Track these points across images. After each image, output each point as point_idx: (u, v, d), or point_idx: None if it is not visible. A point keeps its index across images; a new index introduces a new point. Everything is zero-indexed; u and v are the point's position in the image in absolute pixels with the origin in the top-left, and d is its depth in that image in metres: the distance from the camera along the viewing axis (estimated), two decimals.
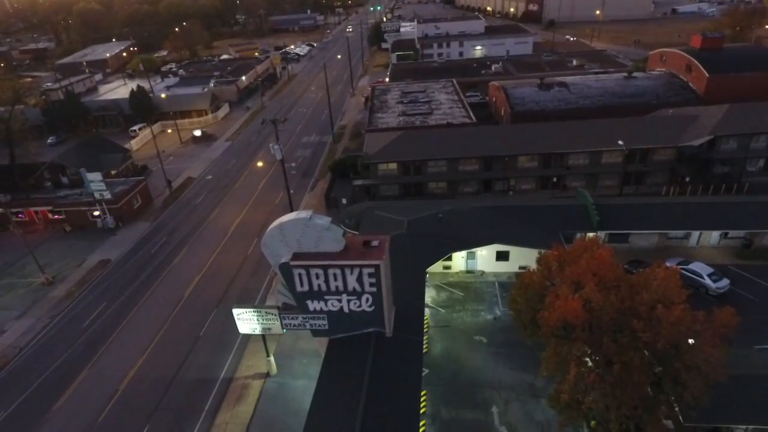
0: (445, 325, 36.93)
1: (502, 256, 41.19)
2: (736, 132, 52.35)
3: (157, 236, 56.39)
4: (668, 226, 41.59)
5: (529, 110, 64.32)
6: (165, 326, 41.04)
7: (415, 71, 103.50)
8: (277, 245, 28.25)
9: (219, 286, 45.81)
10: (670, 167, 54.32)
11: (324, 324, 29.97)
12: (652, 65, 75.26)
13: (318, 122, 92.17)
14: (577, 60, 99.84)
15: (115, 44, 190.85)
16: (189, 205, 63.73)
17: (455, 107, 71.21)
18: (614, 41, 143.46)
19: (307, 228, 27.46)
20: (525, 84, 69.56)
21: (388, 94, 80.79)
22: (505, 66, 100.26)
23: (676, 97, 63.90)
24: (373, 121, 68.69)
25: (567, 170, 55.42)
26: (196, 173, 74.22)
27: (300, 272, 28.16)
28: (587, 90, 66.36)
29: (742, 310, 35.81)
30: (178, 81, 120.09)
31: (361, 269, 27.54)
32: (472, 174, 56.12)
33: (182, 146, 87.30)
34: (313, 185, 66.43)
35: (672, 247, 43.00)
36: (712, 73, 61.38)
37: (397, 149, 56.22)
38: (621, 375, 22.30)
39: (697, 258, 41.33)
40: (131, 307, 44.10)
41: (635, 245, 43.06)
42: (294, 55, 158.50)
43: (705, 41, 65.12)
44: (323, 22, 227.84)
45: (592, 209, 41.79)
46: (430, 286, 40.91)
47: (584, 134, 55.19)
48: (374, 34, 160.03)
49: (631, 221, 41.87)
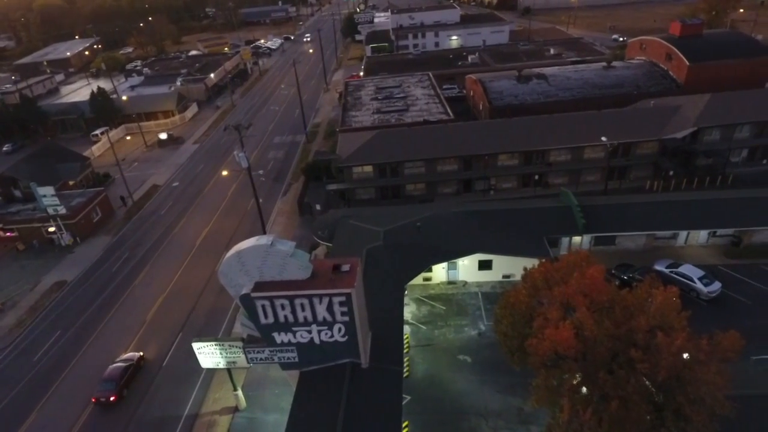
0: (426, 343, 34.58)
1: (485, 265, 38.94)
2: (719, 123, 50.88)
3: (119, 252, 52.74)
4: (656, 227, 39.81)
5: (508, 104, 62.02)
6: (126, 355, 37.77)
7: (391, 64, 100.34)
8: (236, 275, 25.35)
9: (184, 307, 42.66)
10: (653, 161, 52.72)
11: (293, 356, 27.29)
12: (631, 54, 73.56)
13: (291, 121, 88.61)
14: (554, 49, 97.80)
15: (78, 42, 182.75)
16: (153, 216, 60.02)
17: (432, 102, 68.54)
18: (590, 27, 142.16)
19: (269, 255, 24.62)
20: (503, 77, 67.20)
21: (362, 90, 77.66)
22: (482, 56, 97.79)
23: (656, 87, 62.27)
24: (347, 119, 65.63)
25: (549, 167, 53.39)
26: (162, 180, 70.29)
27: (263, 303, 25.35)
28: (566, 82, 64.30)
29: (735, 315, 34.59)
30: (143, 80, 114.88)
31: (331, 298, 24.86)
32: (452, 174, 53.70)
33: (147, 150, 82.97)
34: (285, 190, 63.27)
35: (660, 247, 41.31)
36: (693, 62, 59.83)
37: (372, 150, 53.40)
38: (619, 412, 20.18)
39: (686, 258, 39.78)
40: (88, 335, 40.69)
41: (622, 247, 41.25)
42: (265, 50, 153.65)
43: (684, 28, 63.51)
44: (295, 14, 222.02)
45: (577, 211, 39.75)
46: (410, 300, 38.51)
47: (565, 129, 53.15)
48: (347, 25, 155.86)
49: (618, 223, 39.97)
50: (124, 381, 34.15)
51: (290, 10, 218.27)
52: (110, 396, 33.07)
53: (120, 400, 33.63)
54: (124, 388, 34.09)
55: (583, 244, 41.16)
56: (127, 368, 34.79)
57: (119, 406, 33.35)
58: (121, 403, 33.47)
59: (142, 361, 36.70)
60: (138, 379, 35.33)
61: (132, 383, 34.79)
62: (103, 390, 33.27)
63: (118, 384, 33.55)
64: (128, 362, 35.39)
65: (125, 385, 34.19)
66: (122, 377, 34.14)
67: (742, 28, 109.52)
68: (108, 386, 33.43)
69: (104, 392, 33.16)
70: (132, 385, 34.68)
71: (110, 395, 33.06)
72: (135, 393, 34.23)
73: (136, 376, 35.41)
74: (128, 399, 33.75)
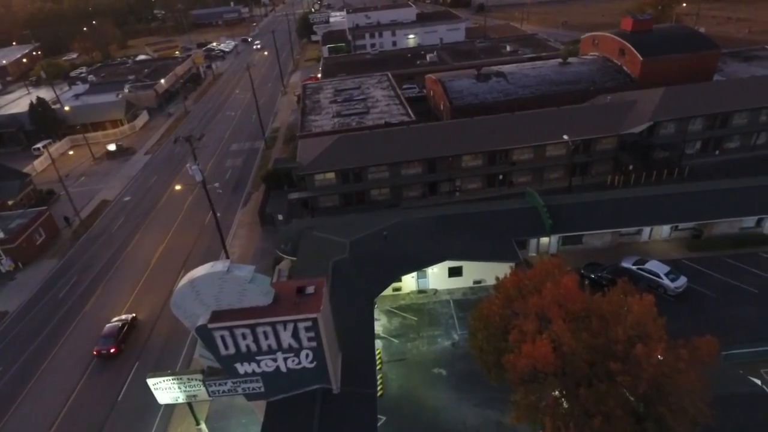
0: (399, 358, 33.36)
1: (455, 272, 38.07)
2: (674, 116, 51.91)
3: (66, 276, 49.13)
4: (620, 224, 39.96)
5: (469, 104, 61.59)
6: (74, 393, 34.91)
7: (349, 65, 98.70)
8: (190, 305, 23.35)
9: (140, 334, 39.93)
10: (613, 156, 53.35)
11: (259, 387, 25.49)
12: (584, 49, 74.65)
13: (249, 126, 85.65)
14: (510, 45, 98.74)
15: (15, 48, 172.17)
16: (104, 235, 56.39)
17: (392, 104, 67.41)
18: (543, 23, 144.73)
19: (226, 282, 22.75)
20: (462, 76, 66.78)
21: (321, 93, 75.74)
22: (440, 55, 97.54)
23: (612, 82, 63.26)
24: (306, 124, 63.65)
25: (512, 166, 53.19)
26: (112, 195, 66.34)
27: (222, 334, 23.46)
28: (525, 79, 64.46)
29: (702, 309, 34.99)
30: (88, 88, 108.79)
31: (296, 324, 23.22)
32: (416, 177, 52.72)
33: (95, 163, 78.36)
34: (246, 200, 60.77)
35: (625, 243, 41.55)
36: (646, 56, 61.03)
37: (334, 156, 51.76)
38: (602, 427, 19.51)
39: (651, 253, 40.10)
40: (33, 372, 37.44)
41: (589, 245, 41.25)
42: (219, 52, 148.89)
43: (636, 24, 64.75)
44: (248, 15, 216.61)
45: (544, 212, 39.42)
46: (381, 312, 37.21)
47: (527, 128, 53.05)
48: (303, 26, 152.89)
49: (584, 221, 39.88)
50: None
51: (243, 11, 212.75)
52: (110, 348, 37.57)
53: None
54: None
55: (551, 245, 40.94)
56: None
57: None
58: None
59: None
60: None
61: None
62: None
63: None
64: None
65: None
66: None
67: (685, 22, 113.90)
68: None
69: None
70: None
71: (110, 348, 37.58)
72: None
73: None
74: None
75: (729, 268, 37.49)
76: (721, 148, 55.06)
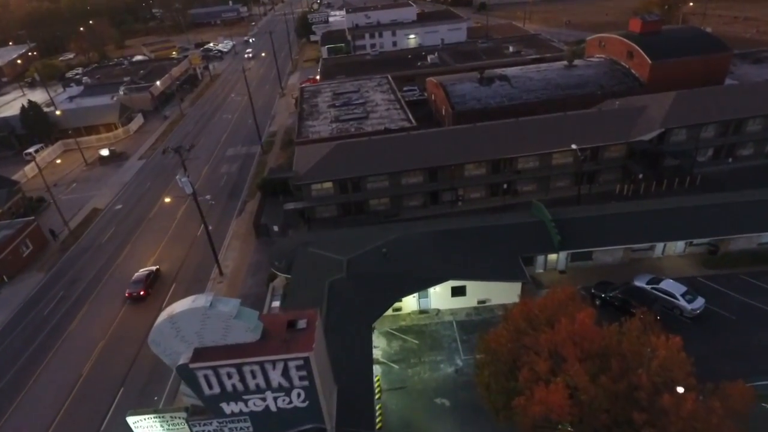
0: (400, 386, 31.37)
1: (459, 291, 36.06)
2: (686, 123, 49.83)
3: (53, 291, 47.18)
4: (633, 239, 37.86)
5: (471, 109, 59.48)
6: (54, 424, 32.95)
7: (348, 66, 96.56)
8: (170, 342, 21.39)
9: (126, 356, 37.98)
10: (621, 164, 51.25)
11: (247, 427, 23.51)
12: (590, 51, 72.43)
13: (245, 130, 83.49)
14: (513, 46, 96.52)
15: (10, 49, 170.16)
16: (93, 246, 54.40)
17: (392, 108, 65.31)
18: (546, 23, 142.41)
19: (209, 319, 20.77)
20: (464, 79, 64.63)
21: (319, 97, 73.63)
22: (441, 56, 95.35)
23: (619, 86, 61.08)
24: (303, 130, 61.56)
25: (517, 175, 51.12)
26: (104, 203, 64.32)
27: (206, 373, 21.49)
28: (529, 83, 62.31)
29: (720, 332, 32.95)
30: (83, 90, 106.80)
31: (286, 363, 21.25)
32: (417, 187, 50.67)
33: (87, 169, 76.33)
34: (240, 209, 58.73)
35: (637, 260, 39.47)
36: (655, 59, 58.85)
37: (331, 165, 49.70)
38: None
39: (664, 270, 38.10)
40: (13, 397, 35.51)
41: (600, 262, 39.18)
42: (216, 53, 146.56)
43: (645, 25, 62.53)
44: (247, 14, 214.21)
45: (552, 227, 37.37)
46: (380, 334, 35.23)
47: (533, 134, 50.96)
48: (302, 25, 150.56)
49: (594, 237, 37.80)
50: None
51: (242, 10, 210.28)
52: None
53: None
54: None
55: (560, 261, 38.90)
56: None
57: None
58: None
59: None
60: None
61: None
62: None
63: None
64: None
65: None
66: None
67: (692, 22, 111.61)
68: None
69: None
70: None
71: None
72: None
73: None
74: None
75: (748, 287, 35.50)
76: (734, 156, 52.96)
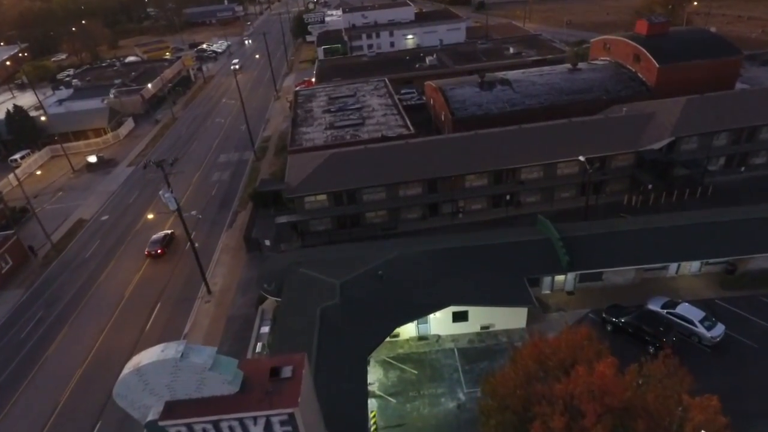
0: (397, 423, 29.03)
1: (460, 316, 33.70)
2: (698, 131, 47.53)
3: (31, 310, 44.71)
4: (646, 259, 35.57)
5: (472, 115, 57.06)
6: None
7: (345, 68, 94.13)
8: (138, 395, 18.99)
9: (106, 383, 35.47)
10: (629, 173, 48.94)
11: None
12: (594, 54, 70.02)
13: (238, 135, 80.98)
14: (513, 47, 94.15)
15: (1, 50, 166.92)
16: (77, 260, 51.92)
17: (390, 114, 62.88)
18: (546, 22, 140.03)
19: (180, 371, 18.37)
20: (464, 83, 62.20)
21: (314, 101, 71.16)
22: (440, 57, 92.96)
23: (626, 91, 58.70)
24: (297, 137, 59.10)
25: (521, 186, 48.79)
26: (89, 213, 61.78)
27: (179, 430, 19.11)
28: (532, 87, 59.90)
29: (742, 363, 30.61)
30: (72, 93, 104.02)
31: (268, 419, 18.89)
32: (415, 199, 48.31)
33: (74, 176, 73.75)
34: (232, 220, 56.28)
35: (649, 279, 37.16)
36: (663, 63, 56.46)
37: (325, 176, 47.30)
38: None
39: (679, 291, 35.84)
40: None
41: (610, 283, 36.86)
42: (211, 53, 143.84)
43: (651, 27, 60.13)
44: (243, 13, 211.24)
45: (559, 246, 35.04)
46: (376, 363, 32.87)
47: (536, 143, 48.59)
48: (297, 25, 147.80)
49: (604, 256, 35.48)
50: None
51: (237, 9, 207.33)
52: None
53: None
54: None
55: (567, 282, 36.58)
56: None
57: None
58: None
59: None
60: None
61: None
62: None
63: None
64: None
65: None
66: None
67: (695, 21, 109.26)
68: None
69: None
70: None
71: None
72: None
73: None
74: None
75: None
76: (747, 164, 50.67)
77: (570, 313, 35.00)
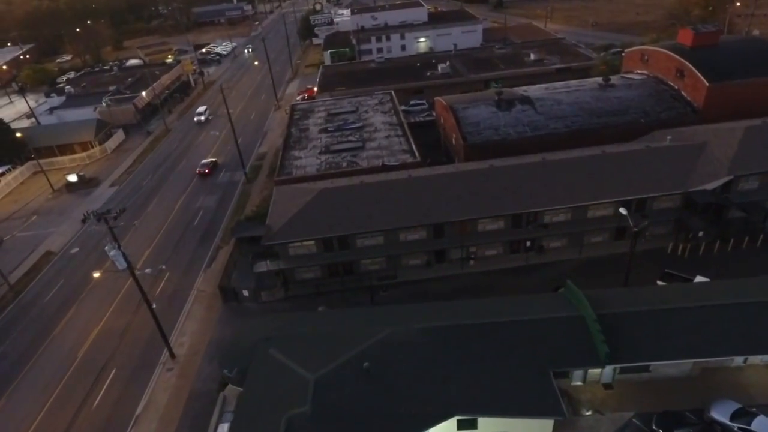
0: None
1: (467, 424, 26.44)
2: (761, 168, 39.29)
3: None
4: (707, 350, 27.70)
5: (487, 140, 49.39)
6: None
7: (350, 75, 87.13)
8: None
9: None
10: (675, 217, 40.98)
11: None
12: (629, 65, 61.52)
13: (233, 150, 74.10)
14: (534, 53, 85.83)
15: (6, 50, 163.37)
16: (35, 305, 45.86)
17: (393, 135, 55.54)
18: (569, 22, 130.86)
19: None
20: (479, 101, 54.42)
21: (311, 117, 64.12)
22: (453, 64, 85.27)
23: (668, 113, 50.38)
24: (286, 164, 52.11)
25: (544, 230, 41.18)
26: (59, 243, 55.79)
27: None
28: (557, 107, 51.93)
29: None
30: (65, 100, 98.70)
31: None
32: (418, 245, 41.10)
33: (53, 197, 67.95)
34: (212, 257, 49.67)
35: (711, 370, 29.42)
36: (713, 81, 48.04)
37: (312, 218, 40.31)
38: None
39: (749, 388, 28.18)
40: None
41: (659, 375, 29.20)
42: (214, 56, 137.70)
43: (697, 37, 51.64)
44: (252, 12, 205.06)
45: (596, 330, 27.45)
46: None
47: (563, 179, 40.93)
48: (304, 26, 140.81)
49: (654, 343, 27.78)
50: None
51: (246, 8, 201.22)
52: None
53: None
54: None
55: (605, 374, 29.02)
56: None
57: None
58: None
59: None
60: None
61: None
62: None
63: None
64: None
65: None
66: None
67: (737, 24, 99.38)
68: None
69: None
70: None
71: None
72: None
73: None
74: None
75: None
76: None
77: (608, 417, 27.49)
